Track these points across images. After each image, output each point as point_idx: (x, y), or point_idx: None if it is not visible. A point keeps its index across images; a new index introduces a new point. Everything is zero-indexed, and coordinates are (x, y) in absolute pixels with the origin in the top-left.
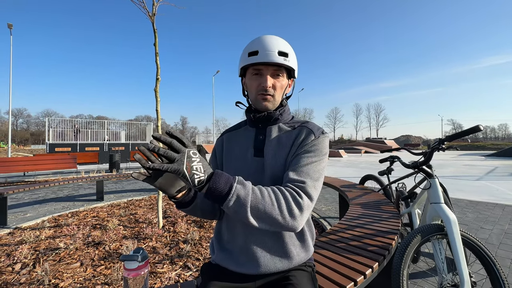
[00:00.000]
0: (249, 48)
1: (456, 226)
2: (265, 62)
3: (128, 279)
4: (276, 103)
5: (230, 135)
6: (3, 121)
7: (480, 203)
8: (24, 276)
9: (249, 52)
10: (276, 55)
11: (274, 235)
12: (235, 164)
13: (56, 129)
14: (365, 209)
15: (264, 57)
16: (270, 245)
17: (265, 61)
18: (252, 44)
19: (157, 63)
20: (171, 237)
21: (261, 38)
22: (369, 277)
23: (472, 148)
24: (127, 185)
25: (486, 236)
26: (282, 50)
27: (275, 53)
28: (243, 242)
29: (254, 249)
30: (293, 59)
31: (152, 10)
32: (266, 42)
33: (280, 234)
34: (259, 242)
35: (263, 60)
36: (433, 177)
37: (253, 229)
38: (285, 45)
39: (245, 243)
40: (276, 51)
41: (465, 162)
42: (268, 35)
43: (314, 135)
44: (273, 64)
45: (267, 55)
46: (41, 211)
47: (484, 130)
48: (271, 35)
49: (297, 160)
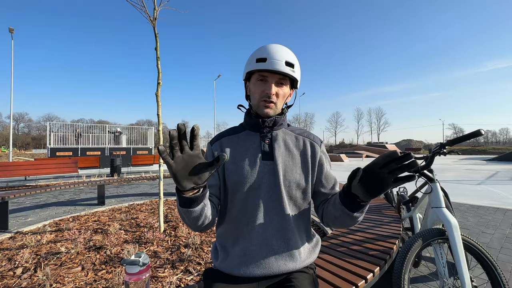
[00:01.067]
0: (257, 54)
1: (457, 230)
2: (271, 70)
3: (130, 283)
4: (278, 110)
5: (228, 139)
6: (5, 125)
7: (481, 207)
8: (26, 281)
9: (257, 58)
10: (283, 65)
11: (281, 239)
12: (244, 169)
13: (57, 133)
14: (366, 213)
15: (272, 65)
16: (276, 248)
17: (272, 69)
18: (261, 51)
19: (158, 67)
20: (172, 241)
21: (270, 46)
22: (370, 282)
23: (473, 153)
24: (128, 189)
25: (487, 240)
26: (289, 61)
27: (282, 63)
28: (248, 246)
29: (259, 252)
30: (298, 71)
31: (154, 14)
32: (275, 51)
33: (288, 238)
34: (265, 246)
35: (270, 68)
36: (434, 181)
37: (259, 233)
38: (293, 56)
39: (250, 246)
40: (283, 61)
41: (467, 167)
42: (277, 44)
43: (318, 145)
44: (279, 73)
45: (275, 64)
46: (42, 215)
47: (485, 134)
48: (280, 45)
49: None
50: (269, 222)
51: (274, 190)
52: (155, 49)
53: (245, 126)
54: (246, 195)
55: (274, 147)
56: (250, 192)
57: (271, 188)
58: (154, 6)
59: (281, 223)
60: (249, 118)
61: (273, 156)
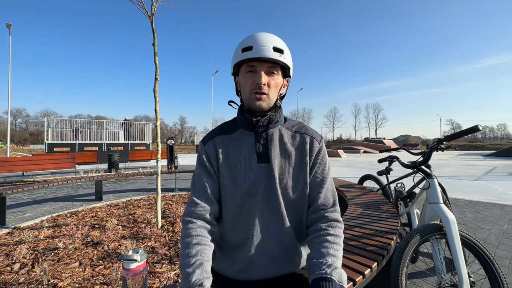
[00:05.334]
0: (242, 44)
1: (455, 226)
2: (259, 58)
3: (127, 279)
4: (271, 102)
5: (222, 139)
6: (2, 121)
7: (479, 203)
8: (23, 276)
9: (242, 48)
10: (271, 51)
11: (281, 244)
12: (239, 173)
13: (55, 129)
14: (363, 209)
15: (258, 52)
16: (275, 253)
17: (259, 57)
18: (246, 40)
19: (156, 63)
20: (170, 237)
21: (255, 34)
22: (368, 277)
23: (471, 148)
24: (126, 185)
25: (485, 236)
26: (277, 46)
27: (269, 49)
28: (246, 252)
29: (260, 256)
30: (288, 57)
31: (151, 10)
32: (260, 37)
33: (287, 243)
34: (265, 251)
35: (258, 55)
36: (432, 177)
37: (256, 239)
38: (280, 41)
39: (248, 252)
40: (271, 46)
41: (464, 162)
42: (263, 32)
43: (317, 141)
44: (268, 60)
45: (262, 50)
46: (40, 211)
47: (483, 130)
48: (266, 32)
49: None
50: (267, 226)
51: (271, 194)
52: (153, 45)
53: (238, 124)
54: (242, 200)
55: (270, 148)
56: (246, 197)
57: (267, 192)
58: (151, 2)
59: (278, 227)
60: (242, 116)
61: (269, 158)
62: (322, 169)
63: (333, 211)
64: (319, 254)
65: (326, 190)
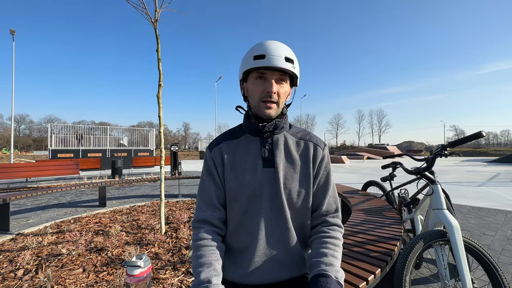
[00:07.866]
0: (254, 51)
1: (459, 232)
2: (271, 67)
3: (131, 285)
4: (279, 110)
5: (228, 144)
6: (6, 127)
7: (482, 209)
8: (27, 282)
9: (254, 56)
10: (283, 61)
11: (285, 249)
12: (244, 177)
13: (58, 135)
14: (367, 215)
15: (271, 62)
16: (280, 258)
17: (271, 66)
18: (258, 47)
19: (160, 69)
20: (173, 243)
21: (267, 42)
22: (371, 283)
23: (474, 154)
24: (130, 191)
25: (488, 242)
26: (289, 57)
27: (282, 59)
28: (253, 254)
29: (264, 261)
30: (297, 67)
31: (155, 16)
32: (272, 46)
33: (291, 248)
34: (269, 255)
35: (271, 64)
36: (436, 183)
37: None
38: (290, 51)
39: (253, 257)
40: (283, 56)
41: (468, 168)
42: (274, 41)
43: (321, 148)
44: (280, 69)
45: (275, 60)
46: (44, 217)
47: (486, 136)
48: (277, 41)
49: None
50: (271, 231)
51: (275, 198)
52: (156, 51)
53: (244, 129)
54: (247, 204)
55: (275, 153)
56: (251, 201)
57: (272, 196)
58: (155, 8)
59: (283, 232)
60: (249, 121)
61: (274, 163)
62: (325, 176)
63: (335, 216)
64: (318, 254)
65: (329, 197)
